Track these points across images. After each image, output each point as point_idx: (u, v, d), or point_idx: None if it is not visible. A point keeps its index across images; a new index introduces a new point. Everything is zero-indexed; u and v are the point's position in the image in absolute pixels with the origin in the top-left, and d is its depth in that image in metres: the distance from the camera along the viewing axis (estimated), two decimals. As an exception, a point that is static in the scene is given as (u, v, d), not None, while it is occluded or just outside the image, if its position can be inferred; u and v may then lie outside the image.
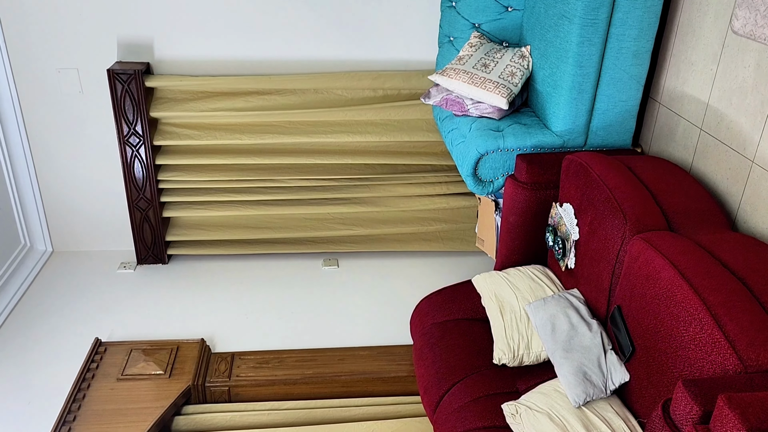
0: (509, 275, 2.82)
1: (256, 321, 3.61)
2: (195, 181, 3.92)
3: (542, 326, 2.50)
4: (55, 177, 4.02)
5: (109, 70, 3.56)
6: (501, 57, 3.17)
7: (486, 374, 2.60)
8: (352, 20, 3.75)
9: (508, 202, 2.93)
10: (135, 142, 3.74)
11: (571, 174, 2.69)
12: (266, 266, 4.08)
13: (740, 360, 1.74)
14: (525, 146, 2.96)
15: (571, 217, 2.65)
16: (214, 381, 3.14)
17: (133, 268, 4.04)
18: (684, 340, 1.92)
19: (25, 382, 3.18)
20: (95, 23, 3.64)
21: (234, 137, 3.79)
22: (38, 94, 3.78)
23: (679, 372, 1.93)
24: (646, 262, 2.12)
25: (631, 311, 2.22)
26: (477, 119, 3.14)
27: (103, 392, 3.04)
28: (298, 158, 3.87)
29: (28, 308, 3.69)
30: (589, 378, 2.25)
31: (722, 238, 2.23)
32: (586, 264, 2.57)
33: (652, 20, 2.80)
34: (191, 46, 3.74)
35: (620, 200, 2.38)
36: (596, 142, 3.03)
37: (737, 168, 2.50)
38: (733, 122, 2.53)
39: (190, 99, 3.75)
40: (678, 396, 1.69)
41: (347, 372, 3.20)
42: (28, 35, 3.64)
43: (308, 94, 3.83)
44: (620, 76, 2.89)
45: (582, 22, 2.74)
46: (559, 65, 2.90)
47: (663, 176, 2.62)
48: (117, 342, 3.35)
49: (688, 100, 2.83)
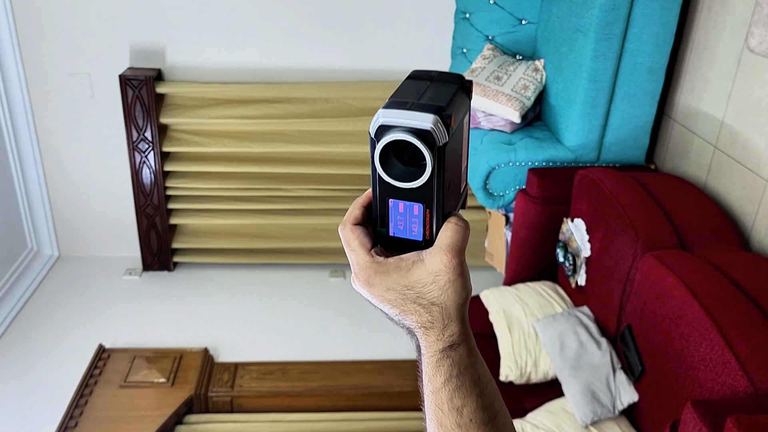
0: (518, 291, 2.79)
1: (261, 331, 3.59)
2: (203, 188, 3.91)
3: (551, 344, 2.46)
4: (64, 181, 4.02)
5: (120, 76, 3.57)
6: (514, 70, 3.15)
7: (492, 391, 2.57)
8: (364, 30, 3.74)
9: (518, 217, 2.90)
10: (144, 148, 3.74)
11: (583, 189, 2.66)
12: (272, 276, 4.06)
13: (750, 382, 1.71)
14: (537, 160, 2.94)
15: (582, 233, 2.62)
16: (217, 391, 3.11)
17: (138, 275, 4.03)
18: (694, 360, 1.88)
19: (27, 387, 3.16)
20: (108, 29, 3.64)
21: (243, 145, 3.78)
22: (50, 99, 3.78)
23: (688, 393, 1.90)
24: (657, 281, 2.09)
25: (641, 330, 2.19)
26: (489, 132, 3.11)
27: (105, 399, 3.02)
28: (307, 167, 3.85)
29: (34, 312, 3.68)
30: (597, 397, 2.22)
31: (735, 258, 2.19)
32: (597, 281, 2.54)
33: (667, 36, 2.77)
34: (203, 53, 3.74)
35: (632, 217, 2.35)
36: (609, 157, 3.00)
37: (751, 187, 2.46)
38: (748, 141, 2.50)
39: (200, 106, 3.75)
40: (687, 417, 1.66)
41: (352, 385, 3.17)
42: (41, 40, 3.65)
43: (319, 103, 3.82)
44: (634, 92, 2.86)
45: (596, 37, 2.72)
46: (573, 79, 2.87)
47: (676, 194, 2.59)
48: (120, 349, 3.33)
49: (703, 118, 2.80)
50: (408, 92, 0.69)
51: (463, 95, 0.71)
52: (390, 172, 0.67)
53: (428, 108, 0.64)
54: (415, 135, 0.64)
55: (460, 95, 0.70)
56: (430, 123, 0.63)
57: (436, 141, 0.64)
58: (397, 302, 0.68)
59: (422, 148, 0.63)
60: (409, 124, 0.64)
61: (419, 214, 0.68)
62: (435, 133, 0.64)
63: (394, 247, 0.71)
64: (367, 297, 0.71)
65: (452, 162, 0.68)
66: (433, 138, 0.64)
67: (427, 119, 0.63)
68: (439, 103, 0.65)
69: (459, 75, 0.72)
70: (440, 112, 0.64)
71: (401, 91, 0.69)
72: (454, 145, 0.67)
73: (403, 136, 0.64)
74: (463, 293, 0.68)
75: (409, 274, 0.68)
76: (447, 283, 0.67)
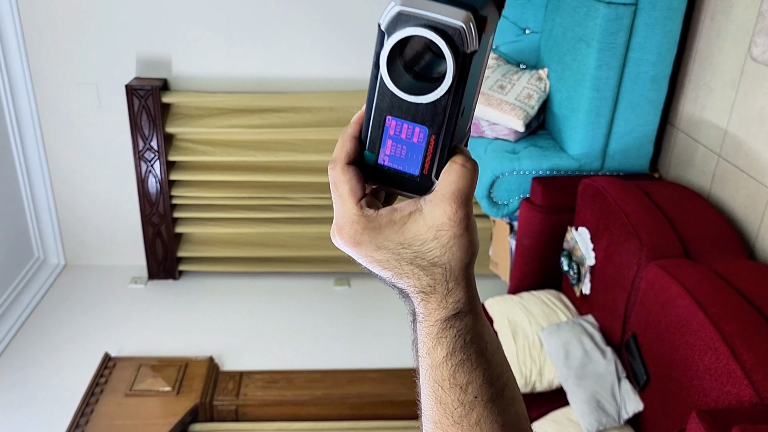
0: (523, 299, 2.79)
1: (266, 340, 3.59)
2: (208, 197, 3.92)
3: (555, 353, 2.46)
4: (71, 190, 4.03)
5: (127, 86, 3.59)
6: (518, 79, 3.16)
7: (497, 399, 2.56)
8: (369, 39, 3.76)
9: (522, 225, 2.91)
10: (150, 157, 3.75)
11: (587, 198, 2.67)
12: (277, 284, 4.06)
13: (756, 391, 1.71)
14: (541, 169, 2.94)
15: (586, 241, 2.62)
16: (222, 399, 3.11)
17: (144, 283, 4.04)
18: (699, 369, 1.88)
19: (33, 395, 3.17)
20: (115, 39, 3.67)
21: (248, 154, 3.79)
22: (57, 108, 3.81)
23: (693, 402, 1.90)
24: (662, 290, 2.09)
25: (646, 339, 2.19)
26: (492, 141, 3.12)
27: (111, 407, 3.03)
28: (312, 176, 3.86)
29: (40, 320, 3.69)
30: (602, 406, 2.22)
31: (739, 267, 2.19)
32: (601, 290, 2.54)
33: (670, 45, 2.78)
34: (208, 63, 3.76)
35: (636, 226, 2.36)
36: (613, 166, 3.01)
37: (755, 196, 2.46)
38: (751, 150, 2.50)
39: (205, 115, 3.77)
40: (692, 427, 1.66)
41: (356, 394, 3.17)
42: (49, 50, 3.67)
43: (324, 112, 3.83)
44: (638, 101, 2.87)
45: (600, 46, 2.73)
46: (577, 88, 2.88)
47: (680, 202, 2.60)
48: (126, 357, 3.34)
49: (707, 126, 2.81)
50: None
51: (493, 8, 0.57)
52: (396, 80, 0.54)
53: (459, 3, 0.51)
54: (439, 33, 0.51)
55: (491, 7, 0.56)
56: (461, 21, 0.50)
57: (465, 45, 0.51)
58: (390, 263, 0.57)
59: (446, 50, 0.51)
60: (435, 18, 0.51)
61: (422, 141, 0.56)
62: (465, 34, 0.51)
63: (380, 178, 0.59)
64: (350, 255, 0.60)
65: (472, 83, 0.56)
66: (462, 40, 0.51)
67: (458, 15, 0.51)
68: (472, 2, 0.52)
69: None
70: (475, 12, 0.51)
71: None
72: (477, 62, 0.55)
73: (424, 32, 0.51)
74: (469, 250, 0.57)
75: (404, 228, 0.57)
76: (451, 239, 0.56)
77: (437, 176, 0.57)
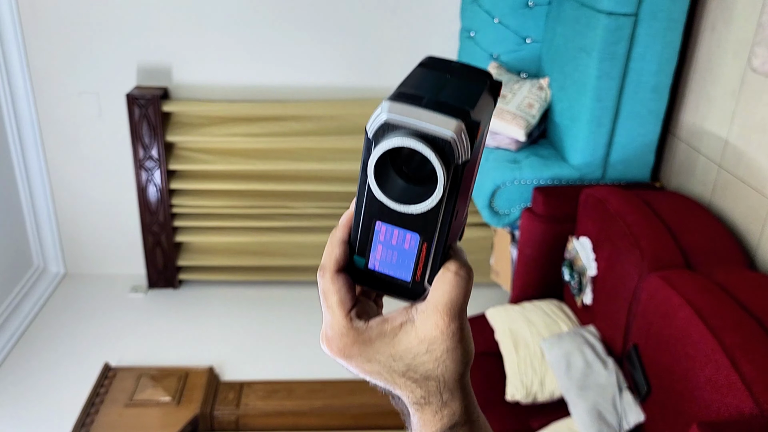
0: (524, 309, 2.79)
1: (266, 349, 3.58)
2: (208, 206, 3.92)
3: (557, 363, 2.46)
4: (71, 199, 4.03)
5: (128, 95, 3.59)
6: (519, 88, 3.16)
7: (499, 411, 2.56)
8: (369, 48, 3.76)
9: (524, 235, 2.90)
10: (150, 166, 3.75)
11: (588, 208, 2.67)
12: (278, 294, 4.06)
13: (756, 403, 1.70)
14: (542, 178, 2.94)
15: (588, 251, 2.62)
16: (222, 410, 3.11)
17: (144, 292, 4.03)
18: (700, 381, 1.88)
19: (33, 406, 3.16)
20: (116, 49, 3.67)
21: (249, 163, 3.79)
22: (58, 117, 3.81)
23: (694, 413, 1.89)
24: (663, 300, 2.09)
25: (647, 350, 2.18)
26: (494, 150, 3.12)
27: (111, 418, 3.02)
28: (312, 185, 3.86)
29: (40, 330, 3.68)
30: (603, 417, 2.21)
31: (740, 278, 2.19)
32: (603, 300, 2.53)
33: (671, 55, 2.78)
34: (209, 72, 3.77)
35: (638, 236, 2.35)
36: (614, 175, 3.01)
37: (756, 206, 2.46)
38: (752, 160, 2.50)
39: (206, 124, 3.77)
40: (694, 440, 1.66)
41: (358, 404, 3.16)
42: (50, 59, 3.68)
43: (324, 120, 3.83)
44: (639, 110, 2.87)
45: (601, 56, 2.73)
46: (578, 98, 2.88)
47: (681, 213, 2.59)
48: (126, 367, 3.33)
49: (708, 137, 2.81)
50: (423, 83, 0.52)
51: (489, 98, 0.54)
52: (385, 188, 0.51)
53: (450, 110, 0.48)
54: (428, 144, 0.47)
55: (486, 98, 0.53)
56: (452, 131, 0.47)
57: (456, 156, 0.48)
58: (382, 375, 0.56)
59: (436, 163, 0.47)
60: (424, 128, 0.48)
61: (413, 247, 0.53)
62: (456, 145, 0.48)
63: (370, 282, 0.57)
64: (341, 365, 0.59)
65: (465, 186, 0.52)
66: (452, 151, 0.48)
67: (449, 125, 0.47)
68: (463, 105, 0.49)
69: (486, 71, 0.56)
70: (466, 118, 0.48)
71: (413, 80, 0.53)
72: (472, 165, 0.51)
73: (412, 144, 0.47)
74: (464, 361, 0.55)
75: (395, 341, 0.54)
76: (444, 353, 0.54)
77: (430, 282, 0.54)
